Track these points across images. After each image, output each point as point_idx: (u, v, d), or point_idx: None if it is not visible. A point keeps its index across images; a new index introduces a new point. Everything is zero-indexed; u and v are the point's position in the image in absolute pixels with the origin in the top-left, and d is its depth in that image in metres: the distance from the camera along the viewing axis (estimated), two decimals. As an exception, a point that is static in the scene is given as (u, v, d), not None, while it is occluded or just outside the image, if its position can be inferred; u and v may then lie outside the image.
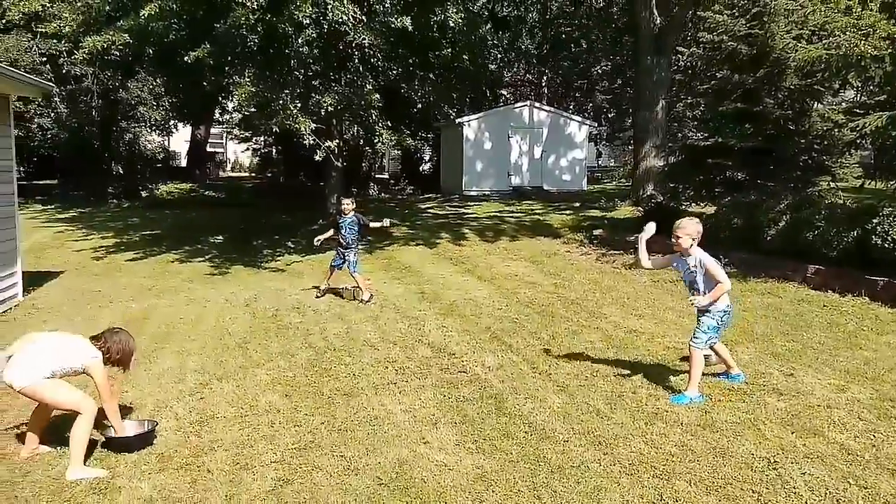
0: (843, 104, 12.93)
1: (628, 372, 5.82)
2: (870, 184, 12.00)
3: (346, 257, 9.26)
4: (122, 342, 4.63)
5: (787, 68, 11.07)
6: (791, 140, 11.61)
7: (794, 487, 3.84)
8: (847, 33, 9.95)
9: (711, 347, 5.40)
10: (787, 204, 9.75)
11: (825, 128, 11.17)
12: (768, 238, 9.59)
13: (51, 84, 12.01)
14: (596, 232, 13.60)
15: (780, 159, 11.62)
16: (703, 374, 5.45)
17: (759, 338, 6.76)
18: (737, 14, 11.62)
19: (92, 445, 4.60)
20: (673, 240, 5.20)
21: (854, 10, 10.58)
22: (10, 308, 8.99)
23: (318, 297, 9.38)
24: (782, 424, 4.66)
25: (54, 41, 19.29)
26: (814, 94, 11.80)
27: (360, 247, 9.39)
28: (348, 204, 9.40)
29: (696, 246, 5.15)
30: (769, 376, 5.62)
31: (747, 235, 9.99)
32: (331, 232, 9.52)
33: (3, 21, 19.24)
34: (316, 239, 9.67)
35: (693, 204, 12.88)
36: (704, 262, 5.12)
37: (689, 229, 5.13)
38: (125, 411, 5.28)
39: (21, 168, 27.28)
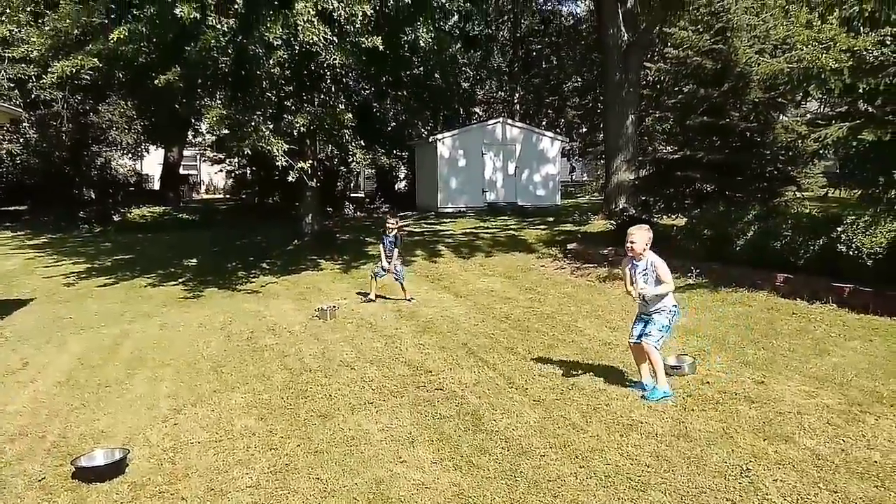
0: (807, 115, 13.24)
1: (603, 384, 5.86)
2: (834, 192, 12.27)
3: (391, 269, 10.14)
4: None
5: (751, 82, 11.33)
6: (757, 151, 11.85)
7: (766, 494, 3.89)
8: (808, 46, 10.21)
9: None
10: (754, 214, 9.94)
11: (789, 139, 11.43)
12: (737, 248, 9.76)
13: (19, 109, 11.87)
14: (570, 246, 13.71)
15: (746, 170, 11.85)
16: (675, 385, 5.51)
17: (730, 346, 6.86)
18: (701, 30, 11.89)
19: (62, 476, 4.53)
20: (628, 244, 5.58)
21: (814, 24, 10.88)
22: (-22, 338, 8.81)
23: (365, 301, 10.27)
24: (754, 432, 4.73)
25: (22, 66, 19.06)
26: (777, 107, 12.09)
27: (400, 259, 10.38)
28: (391, 224, 10.44)
29: (648, 250, 5.54)
30: (741, 384, 5.70)
31: (717, 246, 10.16)
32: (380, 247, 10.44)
33: (-30, 47, 19.00)
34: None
35: (664, 216, 13.06)
36: (655, 263, 5.49)
37: (641, 236, 5.55)
38: (96, 439, 5.20)
39: (-11, 194, 26.84)
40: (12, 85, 20.62)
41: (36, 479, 4.55)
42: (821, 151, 10.24)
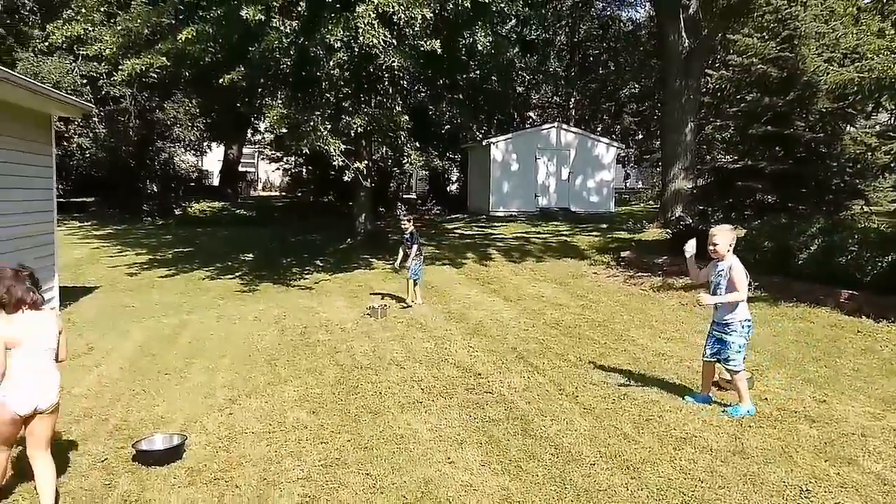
0: (877, 127, 12.76)
1: (656, 395, 5.76)
2: (905, 208, 11.79)
3: (410, 266, 10.19)
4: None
5: (819, 91, 10.99)
6: (822, 163, 11.47)
7: (826, 517, 3.77)
8: (880, 56, 9.83)
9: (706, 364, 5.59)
10: (818, 228, 9.61)
11: (857, 151, 11.04)
12: (799, 262, 9.46)
13: (90, 105, 12.37)
14: (623, 254, 13.52)
15: (811, 182, 11.48)
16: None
17: (791, 363, 6.65)
18: (766, 37, 11.59)
19: (123, 458, 4.70)
20: (710, 247, 5.36)
21: (887, 33, 10.49)
22: (47, 322, 9.21)
23: (405, 307, 10.09)
24: (815, 452, 4.57)
25: (95, 63, 19.89)
26: (846, 117, 11.70)
27: (420, 258, 10.37)
28: (405, 223, 10.62)
29: (731, 253, 5.34)
30: (801, 403, 5.53)
31: (778, 259, 9.86)
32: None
33: (47, 44, 19.92)
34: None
35: (722, 226, 12.77)
36: (733, 267, 5.27)
37: (724, 236, 5.33)
38: (156, 424, 5.38)
39: (59, 185, 28.07)
40: (84, 81, 21.53)
41: (99, 459, 4.73)
42: (892, 164, 9.87)
